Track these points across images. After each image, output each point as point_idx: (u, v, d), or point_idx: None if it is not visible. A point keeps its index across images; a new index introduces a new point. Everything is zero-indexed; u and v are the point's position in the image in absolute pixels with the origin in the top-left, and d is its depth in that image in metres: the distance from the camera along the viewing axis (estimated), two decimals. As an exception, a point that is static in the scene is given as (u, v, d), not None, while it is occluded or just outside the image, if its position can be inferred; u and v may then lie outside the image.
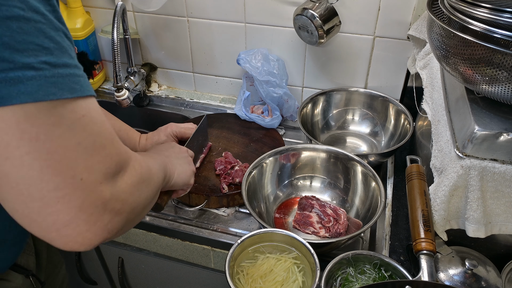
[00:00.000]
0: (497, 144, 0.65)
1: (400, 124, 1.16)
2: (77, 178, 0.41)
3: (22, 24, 0.39)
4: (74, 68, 0.43)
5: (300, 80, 1.31)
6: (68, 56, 0.42)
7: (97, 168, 0.43)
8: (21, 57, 0.38)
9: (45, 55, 0.40)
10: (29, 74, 0.39)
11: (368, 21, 1.13)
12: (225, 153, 1.11)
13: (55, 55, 0.41)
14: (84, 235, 0.43)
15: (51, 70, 0.40)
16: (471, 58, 0.64)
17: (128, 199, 0.48)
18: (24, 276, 0.74)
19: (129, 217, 0.48)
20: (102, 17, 1.36)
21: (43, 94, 0.39)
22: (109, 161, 0.45)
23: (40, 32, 0.40)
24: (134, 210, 0.49)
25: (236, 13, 1.22)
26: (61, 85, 0.41)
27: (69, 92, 0.41)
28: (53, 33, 0.41)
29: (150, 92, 1.46)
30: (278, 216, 1.00)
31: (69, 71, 0.42)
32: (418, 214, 0.77)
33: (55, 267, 0.92)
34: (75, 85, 0.42)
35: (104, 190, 0.44)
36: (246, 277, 0.77)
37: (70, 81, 0.42)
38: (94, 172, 0.43)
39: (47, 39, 0.41)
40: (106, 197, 0.44)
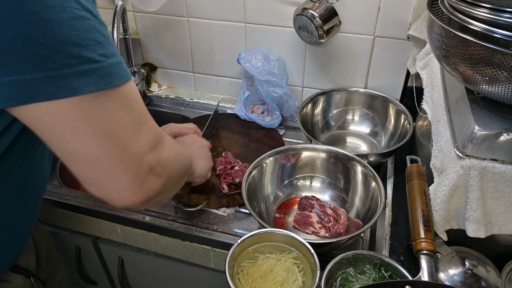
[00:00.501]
0: (497, 144, 0.65)
1: (400, 124, 1.16)
2: (134, 152, 0.50)
3: (82, 23, 0.45)
4: (118, 56, 0.49)
5: (300, 80, 1.31)
6: (112, 46, 0.49)
7: (145, 141, 0.51)
8: (86, 52, 0.44)
9: (100, 48, 0.46)
10: (93, 67, 0.45)
11: (368, 21, 1.13)
12: (225, 153, 1.11)
13: (106, 47, 0.47)
14: (137, 194, 0.51)
15: (106, 61, 0.47)
16: (471, 58, 0.63)
17: (167, 166, 0.56)
18: (25, 276, 0.74)
19: (167, 183, 0.56)
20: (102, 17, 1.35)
21: (103, 84, 0.46)
22: (151, 135, 0.53)
23: (94, 28, 0.46)
24: (171, 178, 0.58)
25: (236, 13, 1.22)
26: (114, 74, 0.47)
27: (119, 79, 0.48)
28: (100, 27, 0.47)
29: (150, 92, 1.46)
30: (278, 216, 1.00)
31: (116, 59, 0.48)
32: (418, 214, 0.77)
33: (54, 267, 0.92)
34: (122, 72, 0.49)
35: (151, 159, 0.52)
36: (246, 277, 0.77)
37: (118, 68, 0.48)
38: (143, 145, 0.51)
39: (99, 34, 0.47)
40: (153, 164, 0.52)
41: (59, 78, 0.43)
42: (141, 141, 0.51)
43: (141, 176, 0.51)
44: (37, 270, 0.81)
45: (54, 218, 1.11)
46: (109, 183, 0.50)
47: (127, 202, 0.52)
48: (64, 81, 0.43)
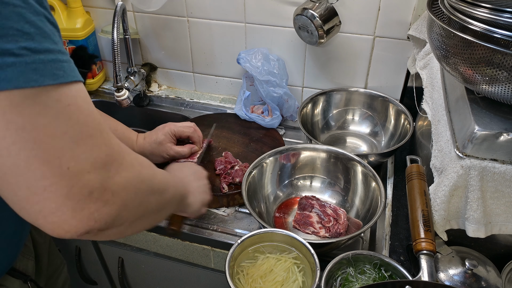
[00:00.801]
0: (497, 144, 0.65)
1: (400, 124, 1.16)
2: (63, 167, 0.41)
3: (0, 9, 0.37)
4: (57, 54, 0.42)
5: (300, 80, 1.31)
6: (50, 41, 0.41)
7: (84, 157, 0.43)
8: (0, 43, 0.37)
9: (25, 41, 0.39)
10: (9, 61, 0.38)
11: (368, 21, 1.13)
12: (225, 153, 1.11)
13: (36, 41, 0.40)
14: (69, 222, 0.43)
15: (32, 56, 0.39)
16: (471, 58, 0.63)
17: (120, 193, 0.47)
18: (22, 281, 0.72)
19: (122, 214, 0.47)
20: (102, 17, 1.36)
21: (23, 81, 0.38)
22: (97, 151, 0.44)
23: (20, 16, 0.39)
24: (128, 207, 0.48)
25: (236, 13, 1.22)
26: (43, 71, 0.40)
27: (51, 78, 0.40)
28: (33, 17, 0.40)
29: (150, 92, 1.46)
30: (278, 216, 1.00)
31: (51, 56, 0.41)
32: (418, 214, 0.77)
33: (56, 270, 0.91)
34: (57, 71, 0.41)
35: (92, 179, 0.43)
36: (246, 277, 0.77)
37: (52, 67, 0.41)
38: (81, 161, 0.42)
39: (28, 24, 0.39)
40: (93, 185, 0.43)
41: None
42: (77, 156, 0.42)
43: (75, 199, 0.42)
44: (37, 274, 0.80)
45: (54, 218, 1.11)
46: (31, 204, 0.41)
47: (59, 231, 0.43)
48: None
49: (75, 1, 1.28)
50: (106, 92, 1.47)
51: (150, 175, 0.54)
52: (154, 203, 0.55)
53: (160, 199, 0.58)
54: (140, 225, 0.54)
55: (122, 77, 1.19)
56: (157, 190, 0.56)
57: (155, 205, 0.56)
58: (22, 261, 0.74)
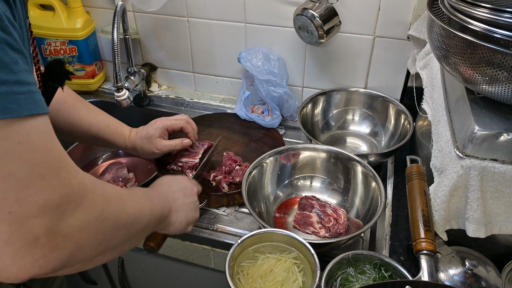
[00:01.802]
0: (497, 144, 0.65)
1: (400, 124, 1.16)
2: (4, 211, 0.38)
3: None
4: (12, 85, 0.38)
5: (300, 80, 1.31)
6: (6, 71, 0.38)
7: (31, 201, 0.39)
8: None
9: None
10: None
11: (368, 21, 1.13)
12: (226, 152, 1.11)
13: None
14: (9, 269, 0.40)
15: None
16: (471, 58, 0.63)
17: (73, 236, 0.43)
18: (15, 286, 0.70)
19: (75, 256, 0.44)
20: (102, 17, 1.36)
21: None
22: (50, 193, 0.41)
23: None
24: (83, 250, 0.45)
25: (236, 13, 1.22)
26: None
27: (1, 112, 0.37)
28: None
29: (150, 92, 1.46)
30: (278, 216, 1.00)
31: (4, 88, 0.37)
32: (418, 214, 0.77)
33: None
34: (10, 105, 0.37)
35: (38, 224, 0.40)
36: (246, 277, 0.77)
37: (4, 100, 0.37)
38: (26, 204, 0.39)
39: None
40: (39, 231, 0.40)
41: None
42: (23, 199, 0.38)
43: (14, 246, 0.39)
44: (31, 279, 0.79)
45: (54, 218, 1.11)
46: None
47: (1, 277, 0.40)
48: None
49: (75, 1, 1.28)
50: (106, 92, 1.47)
51: (116, 211, 0.50)
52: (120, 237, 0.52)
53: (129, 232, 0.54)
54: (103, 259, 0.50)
55: (122, 77, 1.19)
56: (124, 224, 0.52)
57: (122, 239, 0.52)
58: None
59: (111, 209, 0.49)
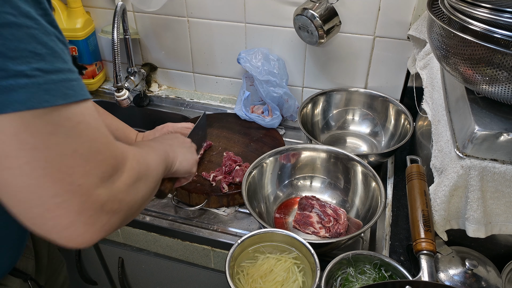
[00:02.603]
0: (497, 144, 0.65)
1: (400, 124, 1.16)
2: (75, 184, 0.42)
3: (14, 31, 0.38)
4: (67, 73, 0.43)
5: (300, 80, 1.31)
6: (61, 61, 0.42)
7: (94, 173, 0.44)
8: (14, 64, 0.38)
9: (37, 62, 0.40)
10: (22, 82, 0.39)
11: (368, 21, 1.13)
12: (226, 153, 1.11)
13: (48, 61, 0.41)
14: (83, 236, 0.44)
15: (44, 77, 0.40)
16: (471, 58, 0.63)
17: (125, 199, 0.49)
18: (22, 280, 0.73)
19: (127, 215, 0.50)
20: (102, 17, 1.36)
21: (36, 102, 0.39)
22: (105, 165, 0.46)
23: (32, 38, 0.40)
24: (132, 208, 0.51)
25: (236, 13, 1.22)
26: (54, 91, 0.41)
27: (63, 98, 0.41)
28: (45, 38, 0.41)
29: (150, 92, 1.46)
30: (278, 216, 1.00)
31: (62, 76, 0.42)
32: (418, 214, 0.77)
33: (56, 270, 0.91)
34: (68, 91, 0.42)
35: (101, 193, 0.45)
36: (246, 277, 0.77)
37: (63, 86, 0.42)
38: (91, 177, 0.44)
39: (40, 45, 0.40)
40: (103, 199, 0.45)
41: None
42: (88, 172, 0.43)
43: (87, 214, 0.44)
44: (37, 274, 0.80)
45: (54, 218, 1.11)
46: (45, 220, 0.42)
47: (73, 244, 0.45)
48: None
49: (75, 1, 1.28)
50: (106, 92, 1.47)
51: (145, 169, 0.56)
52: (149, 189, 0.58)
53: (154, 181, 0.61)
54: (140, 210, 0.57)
55: (122, 77, 1.19)
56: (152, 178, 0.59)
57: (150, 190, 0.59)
58: (23, 260, 0.75)
59: (142, 168, 0.55)
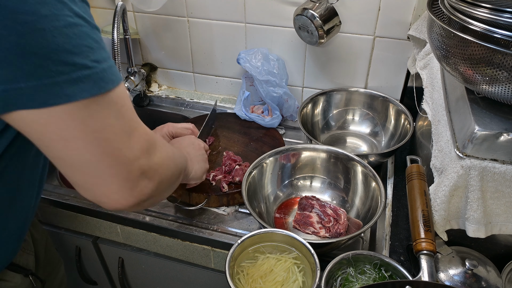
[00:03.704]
0: (497, 144, 0.65)
1: (400, 124, 1.16)
2: (124, 157, 0.50)
3: (74, 30, 0.45)
4: (109, 60, 0.49)
5: (300, 80, 1.31)
6: (104, 50, 0.49)
7: (135, 147, 0.52)
8: (79, 59, 0.45)
9: (92, 54, 0.46)
10: (86, 73, 0.45)
11: (368, 21, 1.13)
12: (226, 152, 1.11)
13: (98, 52, 0.47)
14: (127, 198, 0.53)
15: (99, 67, 0.47)
16: (471, 58, 0.63)
17: (158, 170, 0.57)
18: (23, 275, 0.74)
19: (159, 187, 0.57)
20: (102, 17, 1.36)
21: (97, 89, 0.46)
22: (142, 140, 0.53)
23: (86, 34, 0.46)
24: (163, 181, 0.59)
25: (236, 13, 1.22)
26: (106, 78, 0.48)
27: (111, 83, 0.48)
28: (92, 32, 0.47)
29: (150, 92, 1.46)
30: (278, 216, 1.00)
31: (108, 64, 0.49)
32: (418, 214, 0.77)
33: (54, 268, 0.92)
34: (113, 76, 0.49)
35: (142, 163, 0.53)
36: (246, 277, 0.77)
37: (110, 73, 0.48)
38: (134, 150, 0.52)
39: (91, 40, 0.47)
40: (143, 168, 0.53)
41: (53, 86, 0.44)
42: (132, 146, 0.51)
43: (131, 180, 0.52)
44: (36, 270, 0.81)
45: (54, 218, 1.11)
46: (99, 187, 0.51)
47: (118, 206, 0.53)
48: (58, 88, 0.44)
49: (75, 1, 1.27)
50: (106, 92, 1.47)
51: (172, 153, 0.64)
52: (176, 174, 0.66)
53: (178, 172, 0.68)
54: (166, 193, 0.65)
55: (122, 77, 1.19)
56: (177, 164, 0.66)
57: (176, 176, 0.66)
58: (23, 256, 0.76)
59: (170, 150, 0.63)
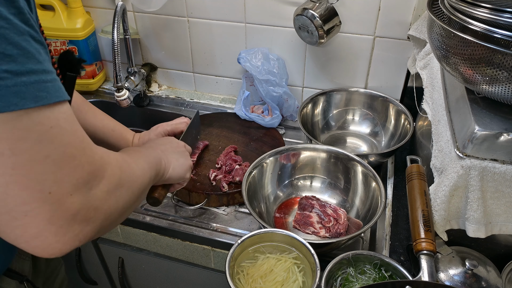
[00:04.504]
0: (497, 144, 0.65)
1: (400, 124, 1.16)
2: (45, 192, 0.40)
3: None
4: (40, 74, 0.40)
5: (300, 80, 1.31)
6: (34, 62, 0.40)
7: (67, 180, 0.42)
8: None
9: (6, 63, 0.38)
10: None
11: (368, 21, 1.13)
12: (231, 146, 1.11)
13: (19, 62, 0.39)
14: (53, 246, 0.43)
15: (13, 79, 0.38)
16: (471, 58, 0.63)
17: (102, 207, 0.47)
18: (18, 281, 0.72)
19: (104, 224, 0.47)
20: (102, 17, 1.36)
21: (3, 105, 0.37)
22: (80, 171, 0.43)
23: (2, 38, 0.38)
24: (110, 217, 0.48)
25: (236, 13, 1.22)
26: (24, 94, 0.39)
27: (33, 101, 0.39)
28: (17, 38, 0.39)
29: (150, 92, 1.46)
30: (278, 216, 1.00)
31: (34, 78, 0.40)
32: (418, 214, 0.77)
33: (54, 271, 0.91)
34: (40, 93, 0.40)
35: (74, 201, 0.43)
36: (246, 277, 0.77)
37: (34, 88, 0.39)
38: (63, 184, 0.42)
39: (10, 45, 0.38)
40: (76, 207, 0.43)
41: None
42: (60, 179, 0.41)
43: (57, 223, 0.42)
44: (34, 274, 0.80)
45: (54, 218, 1.11)
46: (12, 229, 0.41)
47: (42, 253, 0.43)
48: None
49: (75, 1, 1.28)
50: (106, 92, 1.47)
51: (129, 176, 0.54)
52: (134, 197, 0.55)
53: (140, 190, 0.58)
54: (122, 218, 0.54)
55: (122, 77, 1.19)
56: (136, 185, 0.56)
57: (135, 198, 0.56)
58: (18, 261, 0.74)
59: (125, 175, 0.52)
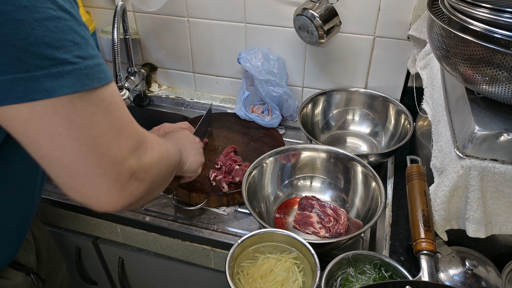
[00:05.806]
0: (498, 144, 0.65)
1: (400, 124, 1.16)
2: (113, 157, 0.49)
3: (57, 24, 0.44)
4: (97, 58, 0.48)
5: (300, 80, 1.31)
6: (92, 47, 0.48)
7: (125, 147, 0.51)
8: (60, 53, 0.44)
9: (77, 50, 0.45)
10: (67, 69, 0.44)
11: (368, 21, 1.13)
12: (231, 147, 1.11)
13: (84, 49, 0.46)
14: (117, 200, 0.51)
15: (83, 63, 0.46)
16: (471, 58, 0.63)
17: (150, 170, 0.56)
18: (25, 273, 0.74)
19: (150, 187, 0.56)
20: (102, 17, 1.36)
21: (79, 86, 0.45)
22: (132, 140, 0.52)
23: (70, 29, 0.45)
24: (155, 181, 0.58)
25: (236, 13, 1.22)
26: (92, 75, 0.46)
27: (98, 81, 0.47)
28: (78, 28, 0.46)
29: (150, 92, 1.46)
30: (278, 216, 1.00)
31: (94, 61, 0.47)
32: (418, 214, 0.77)
33: (56, 267, 0.92)
34: (100, 74, 0.48)
35: (131, 164, 0.51)
36: (246, 277, 0.77)
37: (96, 71, 0.47)
38: (123, 150, 0.50)
39: (76, 35, 0.46)
40: (133, 169, 0.52)
41: (30, 80, 0.42)
42: (121, 146, 0.50)
43: (121, 181, 0.51)
44: (38, 269, 0.81)
45: (54, 218, 1.11)
46: (87, 188, 0.49)
47: (107, 208, 0.52)
48: (36, 83, 0.43)
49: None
50: (106, 92, 1.47)
51: (166, 150, 0.63)
52: (168, 171, 0.66)
53: (172, 167, 0.68)
54: (158, 191, 0.63)
55: (122, 77, 1.19)
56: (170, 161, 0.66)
57: (169, 174, 0.67)
58: (24, 254, 0.76)
59: (162, 149, 0.62)
